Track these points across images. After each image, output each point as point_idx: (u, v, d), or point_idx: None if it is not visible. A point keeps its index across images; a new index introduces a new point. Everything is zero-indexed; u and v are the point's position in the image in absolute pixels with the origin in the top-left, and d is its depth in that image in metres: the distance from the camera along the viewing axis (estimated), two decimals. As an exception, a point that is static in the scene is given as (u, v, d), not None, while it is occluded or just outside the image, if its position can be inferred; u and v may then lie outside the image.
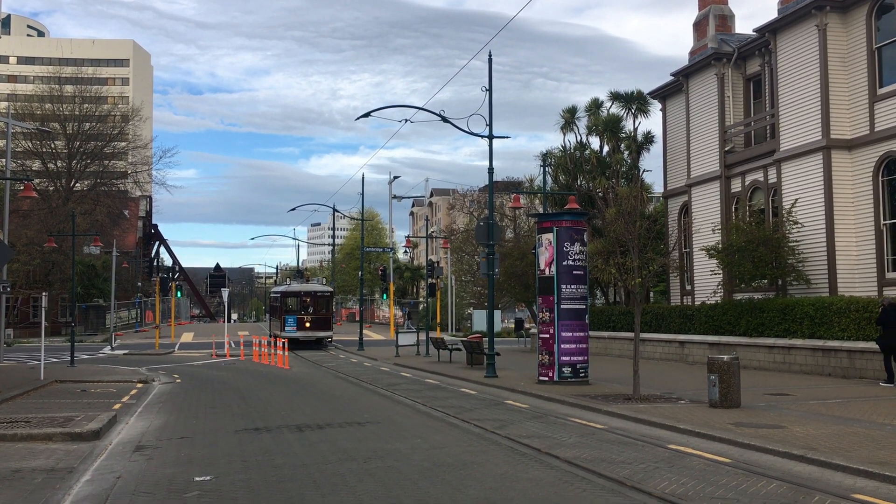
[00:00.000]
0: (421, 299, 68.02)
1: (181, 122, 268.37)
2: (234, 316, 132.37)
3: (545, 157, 37.40)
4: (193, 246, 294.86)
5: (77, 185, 66.68)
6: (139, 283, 73.82)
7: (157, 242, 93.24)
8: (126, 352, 41.17)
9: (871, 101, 23.06)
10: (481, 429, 13.45)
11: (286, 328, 43.12)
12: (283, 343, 34.88)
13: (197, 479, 9.71)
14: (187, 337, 55.49)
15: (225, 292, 45.87)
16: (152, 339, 47.28)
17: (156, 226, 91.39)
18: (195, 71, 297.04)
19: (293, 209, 60.90)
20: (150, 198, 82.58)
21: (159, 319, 58.07)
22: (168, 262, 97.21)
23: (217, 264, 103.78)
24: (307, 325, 43.67)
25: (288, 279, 62.61)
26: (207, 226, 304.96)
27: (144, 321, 70.79)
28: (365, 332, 46.26)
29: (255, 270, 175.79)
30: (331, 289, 49.18)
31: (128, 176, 71.42)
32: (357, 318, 56.24)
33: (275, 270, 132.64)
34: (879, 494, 8.40)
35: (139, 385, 22.89)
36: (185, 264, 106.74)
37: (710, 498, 8.35)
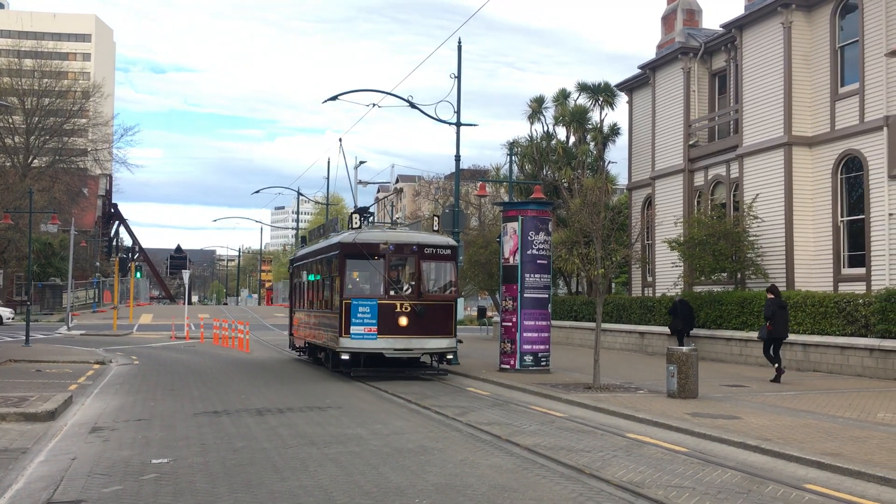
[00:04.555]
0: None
1: (144, 101, 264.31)
2: (195, 298, 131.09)
3: (511, 146, 37.46)
4: (154, 226, 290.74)
5: (35, 161, 65.30)
6: (97, 263, 72.61)
7: (117, 222, 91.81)
8: (83, 332, 40.53)
9: (832, 100, 23.44)
10: (442, 415, 13.48)
11: (355, 328, 19.09)
12: (302, 348, 25.56)
13: (154, 461, 9.61)
14: (146, 318, 54.79)
15: (186, 274, 45.33)
16: (110, 319, 46.58)
17: (116, 205, 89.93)
18: (159, 49, 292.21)
19: (257, 192, 60.73)
20: (111, 176, 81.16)
21: (117, 300, 57.29)
22: (128, 242, 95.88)
23: (178, 246, 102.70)
24: (406, 322, 19.15)
25: (336, 225, 25.45)
26: (169, 206, 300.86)
27: (102, 302, 69.73)
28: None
29: (217, 253, 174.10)
30: (454, 243, 21.21)
31: (87, 154, 70.14)
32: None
33: (237, 253, 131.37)
34: (830, 485, 8.58)
35: (96, 366, 22.56)
36: (145, 245, 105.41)
37: (666, 486, 8.47)
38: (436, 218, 21.90)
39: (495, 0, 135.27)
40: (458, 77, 23.66)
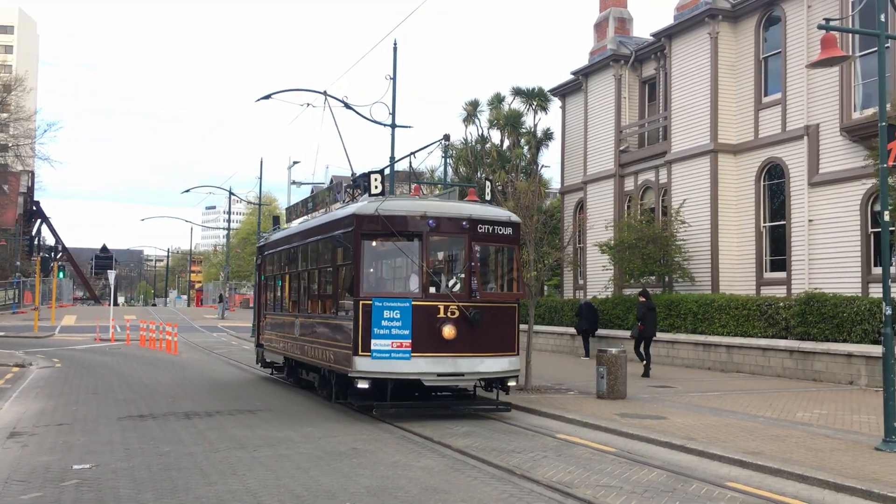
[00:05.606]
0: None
1: (69, 95, 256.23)
2: (121, 299, 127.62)
3: (446, 148, 37.55)
4: (80, 225, 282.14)
5: (-49, 156, 62.70)
6: (18, 263, 70.03)
7: (39, 220, 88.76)
8: (2, 334, 39.05)
9: (756, 109, 24.20)
10: (374, 418, 13.42)
11: (378, 342, 12.76)
12: (277, 365, 19.47)
13: (76, 466, 9.33)
14: (69, 320, 53.10)
15: (111, 274, 44.04)
16: (31, 321, 44.97)
17: (38, 203, 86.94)
18: (88, 43, 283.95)
19: (187, 191, 59.32)
20: (32, 173, 78.42)
21: (39, 301, 55.36)
22: (51, 241, 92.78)
23: (104, 245, 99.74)
24: (453, 334, 12.88)
25: (339, 194, 17.23)
26: (96, 204, 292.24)
27: (23, 303, 67.29)
28: (259, 318, 45.28)
29: (146, 253, 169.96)
30: (517, 219, 14.67)
31: (8, 149, 67.60)
32: (251, 305, 55.17)
33: (166, 253, 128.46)
34: (752, 483, 8.85)
35: (15, 369, 21.77)
36: (69, 244, 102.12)
37: (595, 486, 8.60)
38: (488, 182, 15.41)
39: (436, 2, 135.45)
40: (394, 79, 23.64)
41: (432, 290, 13.30)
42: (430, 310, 12.91)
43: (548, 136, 37.30)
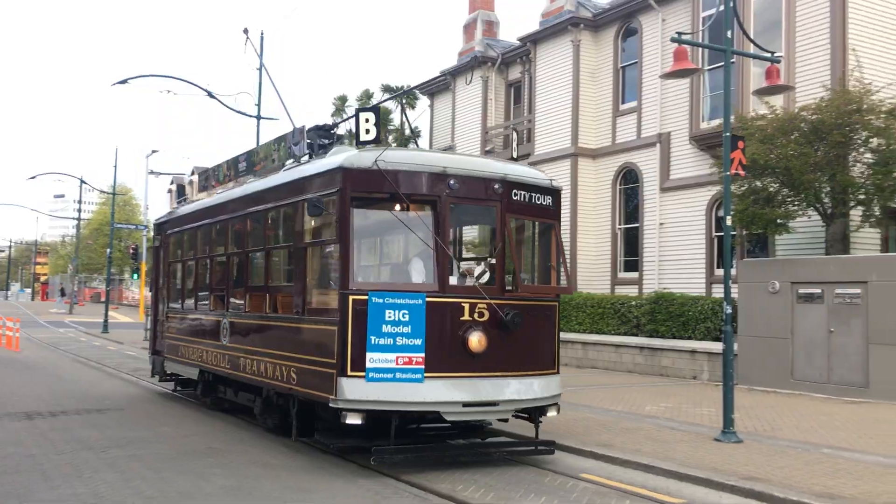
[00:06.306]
0: (175, 281, 64.74)
1: None
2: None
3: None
4: None
5: None
6: None
7: None
8: None
9: (614, 116, 25.27)
10: (235, 417, 13.08)
11: (375, 355, 8.84)
12: (182, 379, 15.31)
13: None
14: None
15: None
16: None
17: None
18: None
19: (34, 177, 55.18)
20: None
21: None
22: None
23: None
24: (484, 343, 9.09)
25: (292, 142, 11.89)
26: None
27: None
28: (111, 313, 43.25)
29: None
30: (558, 185, 10.60)
31: None
32: (103, 299, 52.53)
33: (9, 244, 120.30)
34: (602, 473, 9.24)
35: None
36: None
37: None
38: (514, 132, 12.49)
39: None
40: (260, 70, 23.14)
41: (452, 280, 9.53)
42: (451, 309, 9.08)
43: (416, 134, 37.50)
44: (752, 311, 16.90)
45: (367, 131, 9.56)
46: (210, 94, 23.43)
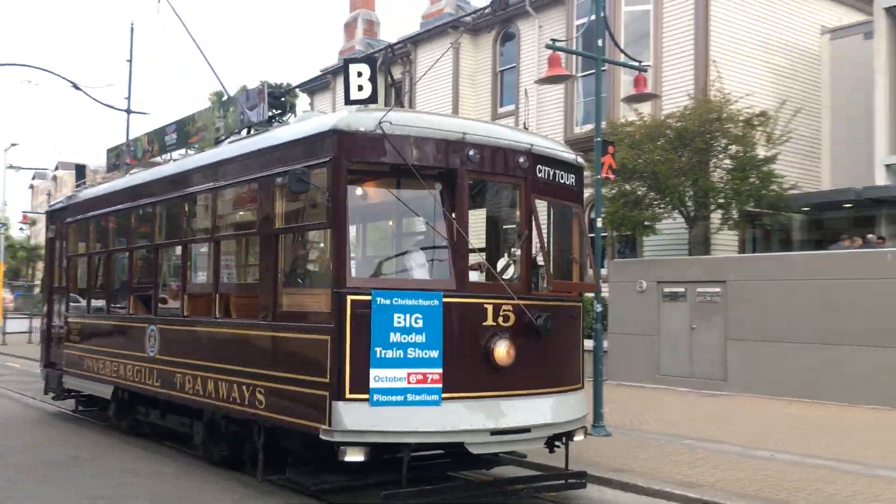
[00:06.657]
0: (37, 282, 61.45)
1: None
2: None
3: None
4: None
5: None
6: None
7: None
8: None
9: (493, 118, 25.75)
10: (104, 424, 12.53)
11: (380, 372, 6.84)
12: (86, 397, 12.88)
13: None
14: None
15: None
16: None
17: None
18: None
19: None
20: None
21: None
22: None
23: None
24: (511, 355, 7.18)
25: (247, 102, 10.68)
26: None
27: None
28: (-35, 316, 40.44)
29: None
30: (582, 161, 8.64)
31: None
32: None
33: None
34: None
35: None
36: None
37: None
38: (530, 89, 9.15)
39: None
40: (130, 61, 22.31)
41: (473, 276, 7.69)
42: (471, 312, 7.23)
43: (296, 132, 37.07)
44: (622, 309, 17.62)
45: (361, 87, 7.95)
46: (75, 86, 22.40)
